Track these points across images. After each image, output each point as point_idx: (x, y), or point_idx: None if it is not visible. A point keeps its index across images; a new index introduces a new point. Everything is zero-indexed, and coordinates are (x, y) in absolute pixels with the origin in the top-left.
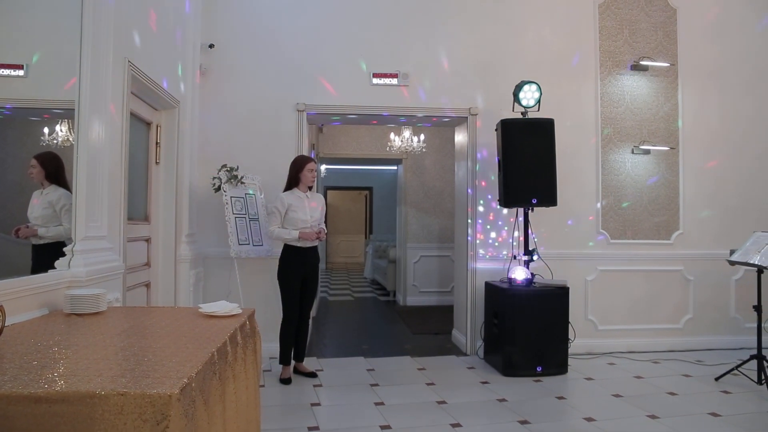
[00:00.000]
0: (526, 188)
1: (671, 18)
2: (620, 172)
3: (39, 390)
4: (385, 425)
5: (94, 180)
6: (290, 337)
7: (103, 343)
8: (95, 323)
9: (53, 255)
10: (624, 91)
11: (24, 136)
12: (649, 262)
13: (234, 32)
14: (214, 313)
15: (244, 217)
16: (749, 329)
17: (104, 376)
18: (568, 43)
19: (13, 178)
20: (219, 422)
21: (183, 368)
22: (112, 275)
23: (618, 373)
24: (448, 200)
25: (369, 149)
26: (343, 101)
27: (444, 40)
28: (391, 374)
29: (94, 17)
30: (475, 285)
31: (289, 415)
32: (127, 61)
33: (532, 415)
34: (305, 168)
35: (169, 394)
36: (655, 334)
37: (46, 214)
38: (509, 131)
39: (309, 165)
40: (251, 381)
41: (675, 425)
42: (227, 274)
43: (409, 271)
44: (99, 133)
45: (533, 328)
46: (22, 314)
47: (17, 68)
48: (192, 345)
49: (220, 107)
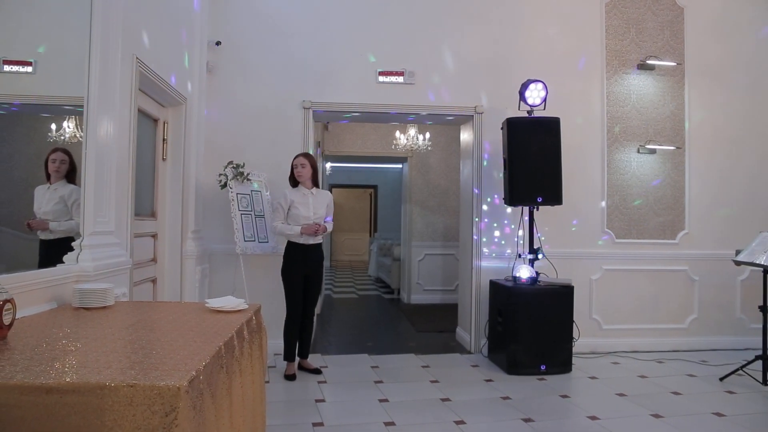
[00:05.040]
0: (532, 187)
1: (678, 17)
2: (626, 172)
3: (50, 381)
4: (389, 422)
5: (102, 176)
6: (294, 333)
7: (111, 336)
8: (103, 317)
9: (60, 250)
10: (630, 90)
11: (31, 132)
12: (654, 262)
13: (241, 30)
14: (221, 308)
15: (249, 214)
16: (754, 330)
17: (113, 368)
18: (575, 42)
19: (20, 175)
20: (226, 415)
21: (191, 361)
22: (119, 270)
23: (622, 372)
24: (453, 199)
25: (374, 147)
26: (350, 99)
27: (450, 38)
28: (396, 371)
29: (103, 14)
30: (480, 283)
31: (293, 411)
32: (135, 57)
33: (536, 413)
34: (292, 164)
35: (178, 386)
36: (660, 333)
37: (58, 209)
38: (515, 130)
39: (294, 161)
40: (257, 375)
41: (679, 425)
42: (233, 271)
43: (413, 269)
44: (107, 129)
45: (537, 326)
46: (32, 307)
47: (26, 65)
48: (199, 339)
49: (227, 104)
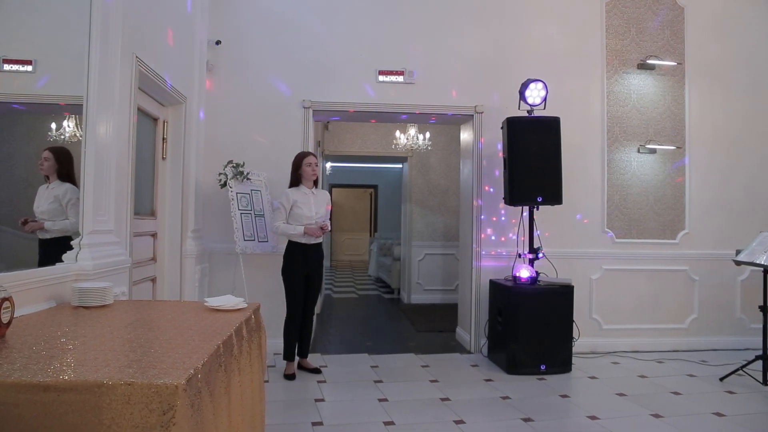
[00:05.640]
0: (532, 186)
1: (679, 17)
2: (626, 171)
3: (48, 379)
4: (388, 421)
5: (102, 174)
6: (294, 333)
7: (110, 335)
8: (102, 315)
9: (59, 249)
10: (630, 89)
11: (31, 131)
12: (655, 262)
13: (241, 29)
14: (220, 306)
15: (249, 213)
16: (754, 330)
17: (111, 366)
18: (575, 41)
19: (20, 174)
20: (224, 414)
21: (189, 360)
22: (118, 269)
23: (622, 372)
24: (453, 198)
25: (374, 147)
26: (350, 98)
27: (450, 38)
28: (395, 371)
29: (102, 13)
30: (480, 283)
31: (293, 410)
32: (135, 56)
33: (536, 413)
34: (303, 163)
35: (176, 385)
36: (660, 333)
37: (53, 208)
38: (515, 129)
39: (306, 159)
40: (256, 374)
41: (679, 424)
42: (232, 270)
43: (413, 268)
44: (107, 128)
45: (537, 326)
46: (31, 306)
47: (26, 64)
48: (198, 337)
49: (227, 103)
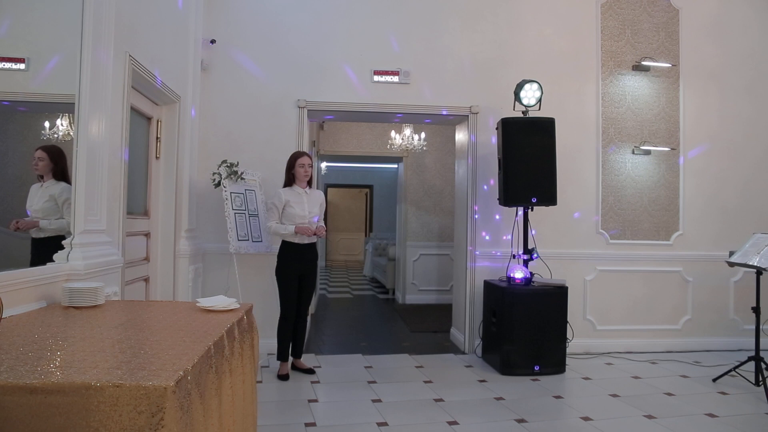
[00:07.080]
0: (526, 187)
1: (674, 18)
2: (620, 173)
3: (35, 381)
4: (382, 422)
5: (94, 174)
6: (288, 333)
7: (99, 336)
8: (93, 316)
9: (52, 249)
10: (625, 91)
11: (25, 129)
12: (649, 263)
13: (236, 28)
14: (212, 307)
15: (243, 213)
16: (748, 331)
17: (100, 368)
18: (570, 42)
19: (14, 172)
20: (215, 416)
21: (179, 361)
22: (110, 269)
23: (615, 373)
24: (448, 199)
25: (369, 147)
26: (344, 98)
27: (445, 38)
28: (389, 372)
29: (95, 11)
30: (474, 284)
31: (286, 411)
32: (128, 55)
33: (529, 414)
34: (296, 163)
35: (165, 387)
36: (654, 334)
37: (48, 206)
38: (510, 130)
39: (300, 160)
40: (248, 376)
41: (672, 425)
42: (226, 270)
43: (408, 269)
44: (99, 127)
45: (531, 327)
46: (20, 306)
47: (19, 62)
48: (189, 338)
49: (221, 103)
